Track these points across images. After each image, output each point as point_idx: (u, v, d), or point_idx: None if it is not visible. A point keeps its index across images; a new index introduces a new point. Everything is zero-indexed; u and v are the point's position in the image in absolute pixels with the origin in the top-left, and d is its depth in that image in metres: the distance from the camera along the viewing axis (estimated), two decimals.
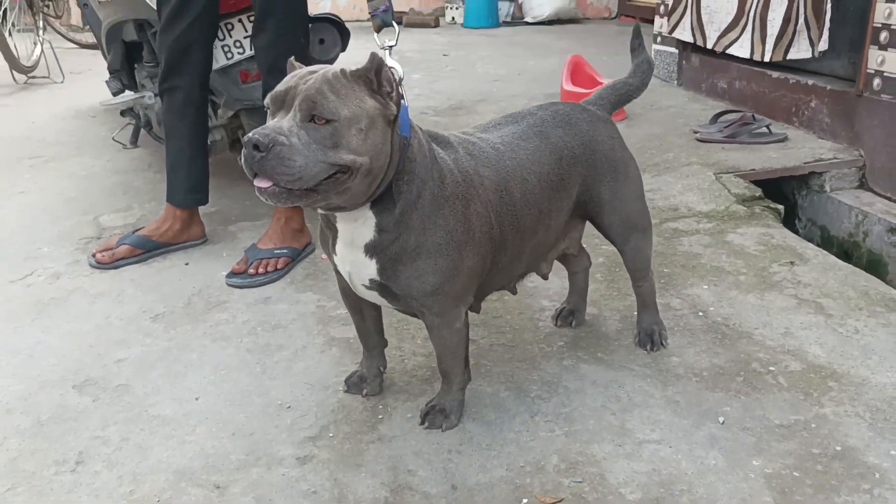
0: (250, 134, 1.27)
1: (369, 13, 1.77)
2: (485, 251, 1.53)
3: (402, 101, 1.42)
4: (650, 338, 1.91)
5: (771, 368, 1.82)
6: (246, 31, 2.63)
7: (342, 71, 1.35)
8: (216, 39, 2.55)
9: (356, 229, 1.45)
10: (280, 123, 1.30)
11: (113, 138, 3.64)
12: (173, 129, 2.45)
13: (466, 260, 1.49)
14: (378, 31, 1.74)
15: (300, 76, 1.36)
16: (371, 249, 1.46)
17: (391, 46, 1.66)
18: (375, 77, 1.33)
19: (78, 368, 1.87)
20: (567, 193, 1.70)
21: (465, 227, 1.48)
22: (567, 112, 1.75)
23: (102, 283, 2.30)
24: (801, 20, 3.51)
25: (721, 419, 1.64)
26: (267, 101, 1.36)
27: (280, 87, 1.36)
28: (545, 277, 1.86)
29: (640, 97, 1.93)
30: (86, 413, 1.70)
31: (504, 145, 1.62)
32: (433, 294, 1.49)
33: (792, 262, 2.36)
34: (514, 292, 1.84)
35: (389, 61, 1.58)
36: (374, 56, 1.32)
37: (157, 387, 1.80)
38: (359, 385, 1.76)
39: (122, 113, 3.31)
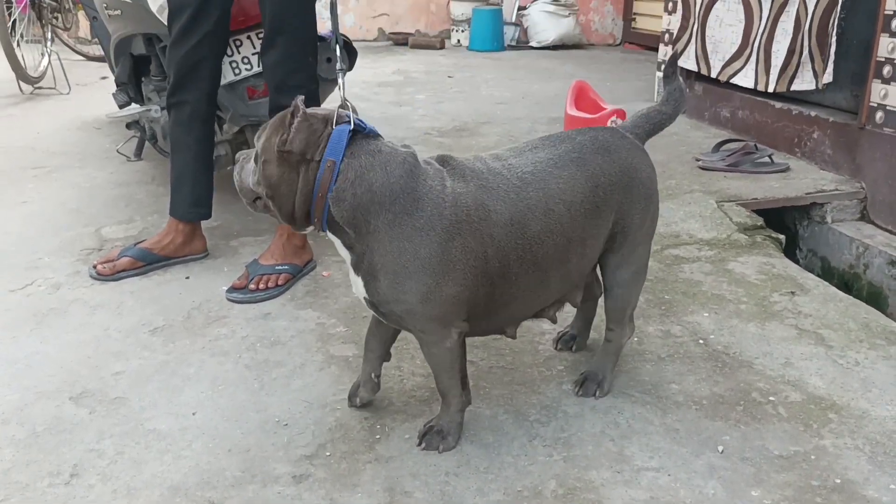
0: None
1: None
2: (473, 283, 1.52)
3: (348, 124, 1.49)
4: (585, 378, 1.82)
5: (771, 398, 1.82)
6: (254, 47, 2.65)
7: (292, 112, 1.48)
8: (225, 55, 2.57)
9: (341, 250, 1.56)
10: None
11: (117, 150, 3.66)
12: (179, 143, 2.45)
13: (445, 288, 1.49)
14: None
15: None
16: (355, 267, 1.54)
17: (343, 70, 1.76)
18: (290, 116, 1.47)
19: (75, 380, 1.86)
20: (604, 220, 1.67)
21: (441, 258, 1.48)
22: (607, 138, 1.70)
23: (102, 295, 2.29)
24: (806, 52, 3.54)
25: (720, 448, 1.63)
26: None
27: None
28: (575, 306, 1.82)
29: None
30: (81, 425, 1.69)
31: (533, 174, 1.59)
32: (409, 314, 1.52)
33: (793, 293, 2.36)
34: (553, 321, 1.78)
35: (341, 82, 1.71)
36: (294, 100, 1.48)
37: (154, 400, 1.79)
38: (353, 395, 1.76)
39: (128, 125, 3.32)
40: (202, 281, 2.40)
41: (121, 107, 3.30)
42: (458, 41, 8.49)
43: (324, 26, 2.39)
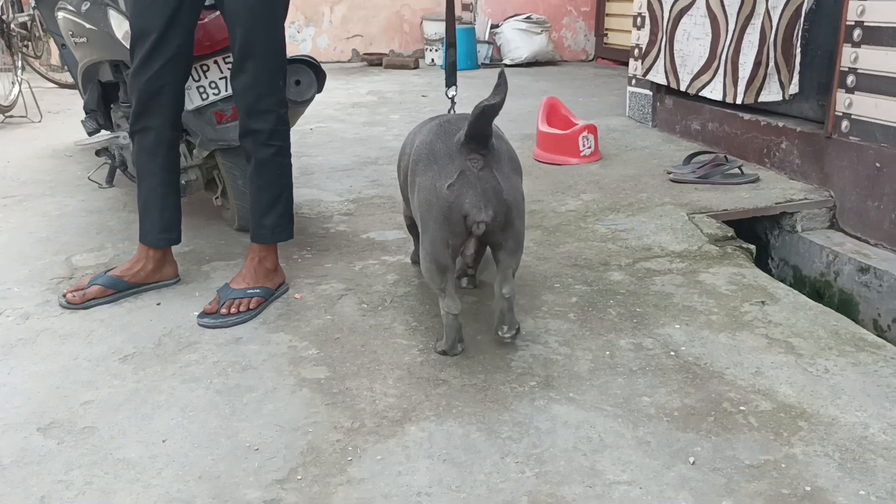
0: None
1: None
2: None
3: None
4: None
5: (742, 408, 1.82)
6: (221, 72, 2.65)
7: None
8: (192, 80, 2.57)
9: None
10: None
11: (89, 178, 3.63)
12: (145, 170, 2.44)
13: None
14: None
15: None
16: None
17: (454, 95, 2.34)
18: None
19: (43, 410, 1.84)
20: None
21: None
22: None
23: (72, 324, 2.27)
24: (772, 64, 3.59)
25: (692, 459, 1.64)
26: None
27: None
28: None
29: (615, 138, 1.97)
30: (49, 456, 1.67)
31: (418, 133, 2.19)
32: None
33: (763, 302, 2.38)
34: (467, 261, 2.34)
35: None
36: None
37: (123, 429, 1.77)
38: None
39: (98, 153, 3.30)
40: (173, 307, 2.38)
41: (90, 134, 3.28)
42: (433, 60, 8.53)
43: (297, 49, 2.40)
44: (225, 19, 2.32)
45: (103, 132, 3.24)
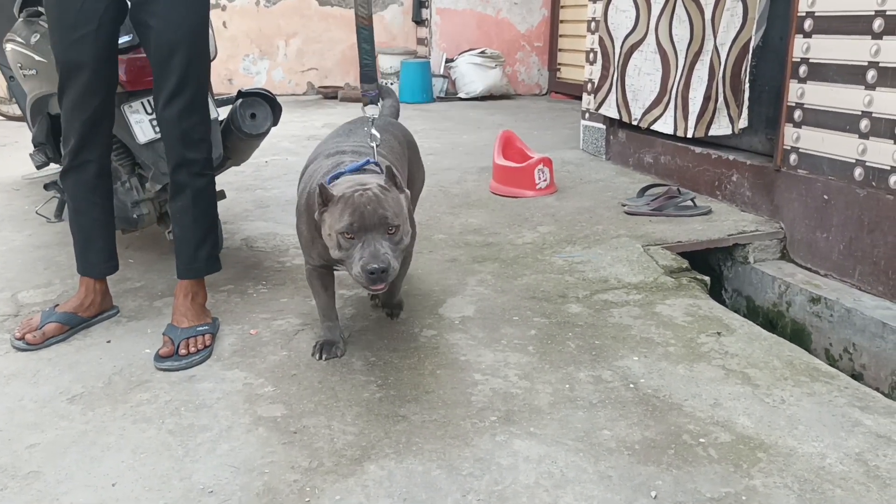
0: (374, 265, 1.84)
1: (361, 93, 2.34)
2: None
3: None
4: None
5: (701, 440, 1.83)
6: None
7: (381, 186, 1.94)
8: (144, 113, 2.53)
9: None
10: (378, 247, 1.87)
11: (36, 212, 3.54)
12: (85, 203, 2.38)
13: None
14: (366, 105, 2.34)
15: (363, 201, 1.89)
16: None
17: (374, 117, 2.29)
18: (394, 178, 1.99)
19: None
20: None
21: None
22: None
23: (17, 363, 2.20)
24: (721, 99, 3.67)
25: (653, 493, 1.63)
26: (351, 226, 1.88)
27: (355, 216, 1.87)
28: None
29: (570, 171, 1.99)
30: None
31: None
32: None
33: (719, 333, 2.40)
34: None
35: (373, 130, 2.22)
36: (388, 168, 2.01)
37: (71, 473, 1.70)
38: (332, 348, 2.21)
39: (46, 186, 3.22)
40: (124, 344, 2.32)
41: (38, 167, 3.21)
42: None
43: (252, 82, 2.38)
44: (155, 48, 2.23)
45: (52, 165, 3.17)
